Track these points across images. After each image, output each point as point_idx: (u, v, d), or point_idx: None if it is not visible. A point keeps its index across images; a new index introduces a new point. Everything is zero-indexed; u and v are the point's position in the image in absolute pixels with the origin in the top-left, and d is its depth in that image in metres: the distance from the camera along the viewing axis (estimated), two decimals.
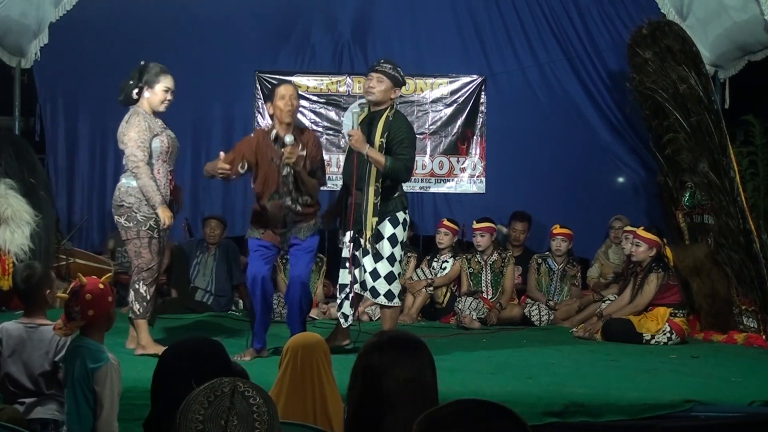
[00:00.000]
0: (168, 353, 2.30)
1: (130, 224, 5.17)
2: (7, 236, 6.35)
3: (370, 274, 5.19)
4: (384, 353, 2.09)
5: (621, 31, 8.00)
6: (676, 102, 7.05)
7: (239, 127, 8.36)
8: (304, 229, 5.28)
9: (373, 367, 2.08)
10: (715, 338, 6.40)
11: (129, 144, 5.12)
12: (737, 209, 6.43)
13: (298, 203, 5.20)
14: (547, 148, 8.23)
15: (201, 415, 1.61)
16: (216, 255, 7.47)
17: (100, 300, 3.27)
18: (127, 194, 5.16)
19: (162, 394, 2.22)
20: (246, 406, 1.62)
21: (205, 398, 1.64)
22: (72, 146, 8.25)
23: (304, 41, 8.35)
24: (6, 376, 3.66)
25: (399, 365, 2.06)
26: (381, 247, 5.16)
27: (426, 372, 2.10)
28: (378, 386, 2.03)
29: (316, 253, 5.60)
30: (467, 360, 5.28)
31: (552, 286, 7.42)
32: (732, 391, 4.48)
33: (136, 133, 5.11)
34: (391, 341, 2.12)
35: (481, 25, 8.33)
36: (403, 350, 2.10)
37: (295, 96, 5.23)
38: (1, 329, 3.72)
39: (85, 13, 7.81)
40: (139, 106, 5.26)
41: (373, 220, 5.06)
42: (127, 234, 5.21)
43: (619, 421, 4.05)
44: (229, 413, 1.61)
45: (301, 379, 3.01)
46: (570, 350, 5.81)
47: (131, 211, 5.16)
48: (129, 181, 5.18)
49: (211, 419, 1.60)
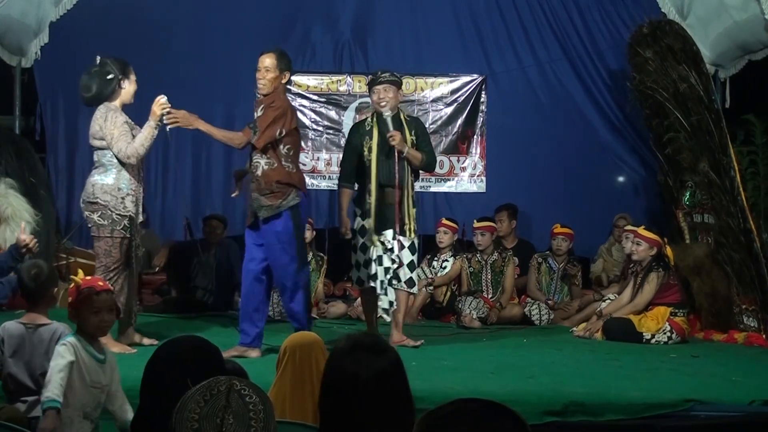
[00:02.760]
0: (159, 353, 2.28)
1: (104, 222, 5.14)
2: (8, 235, 6.35)
3: (408, 266, 5.60)
4: (350, 356, 2.12)
5: (621, 30, 8.00)
6: (676, 101, 7.05)
7: (240, 126, 8.25)
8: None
9: (341, 371, 2.12)
10: (716, 337, 6.39)
11: (113, 142, 5.11)
12: (737, 208, 6.43)
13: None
14: (547, 148, 8.23)
15: (197, 413, 1.61)
16: (217, 254, 7.46)
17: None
18: (102, 191, 5.14)
19: (151, 393, 2.21)
20: (242, 405, 1.62)
21: (201, 397, 1.64)
22: (72, 145, 8.23)
23: (305, 40, 8.35)
24: (8, 376, 3.66)
25: (365, 367, 2.09)
26: (406, 238, 5.59)
27: (392, 374, 2.12)
28: (345, 389, 2.06)
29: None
30: (467, 359, 5.28)
31: (552, 285, 7.42)
32: (732, 390, 4.48)
33: (118, 131, 5.12)
34: (356, 344, 2.16)
35: (481, 24, 8.33)
36: (368, 353, 2.13)
37: (264, 67, 5.18)
38: (2, 329, 3.73)
39: (85, 12, 7.81)
40: (111, 102, 5.24)
41: (413, 211, 5.59)
42: (99, 232, 5.17)
43: (619, 421, 4.05)
44: (225, 411, 1.61)
45: (299, 379, 3.01)
46: (570, 349, 5.81)
47: (106, 209, 5.13)
48: (102, 178, 5.17)
49: (207, 417, 1.60)
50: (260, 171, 5.10)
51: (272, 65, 5.16)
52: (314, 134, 8.26)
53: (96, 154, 5.25)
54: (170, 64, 8.08)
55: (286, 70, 5.22)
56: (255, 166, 5.13)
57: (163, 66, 8.09)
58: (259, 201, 5.10)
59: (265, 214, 5.09)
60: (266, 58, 5.19)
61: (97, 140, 5.20)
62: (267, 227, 5.11)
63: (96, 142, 5.21)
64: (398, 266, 5.57)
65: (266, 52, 5.25)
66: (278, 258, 5.13)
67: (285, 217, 5.09)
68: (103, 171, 5.18)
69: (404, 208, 5.53)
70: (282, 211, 5.08)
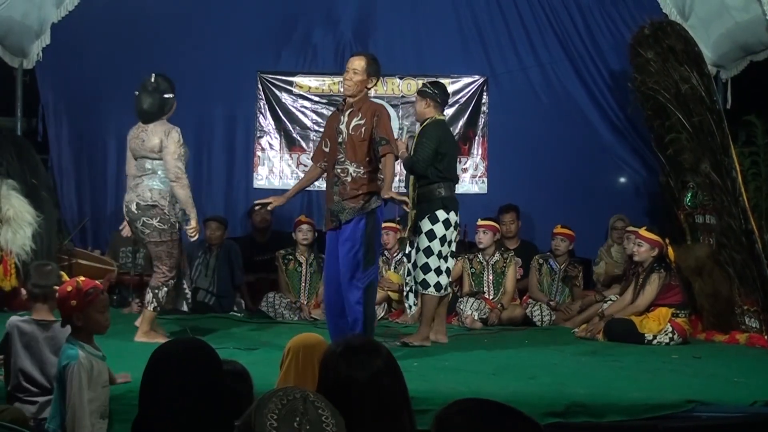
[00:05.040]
0: (156, 355, 2.29)
1: (165, 226, 5.39)
2: (9, 236, 6.37)
3: (412, 265, 5.83)
4: (343, 360, 2.14)
5: (623, 31, 8.00)
6: (678, 102, 7.04)
7: (241, 127, 8.38)
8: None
9: (336, 375, 2.13)
10: (717, 338, 6.39)
11: (168, 156, 5.37)
12: (739, 209, 6.42)
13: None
14: (548, 149, 8.22)
15: (276, 413, 1.63)
16: (218, 256, 7.47)
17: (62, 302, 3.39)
18: (160, 196, 5.39)
19: (150, 394, 2.22)
20: (316, 415, 1.64)
21: (278, 400, 1.66)
22: (74, 147, 8.25)
23: (306, 42, 8.35)
24: (20, 371, 3.71)
25: (360, 369, 2.10)
26: (420, 241, 5.73)
27: (387, 371, 2.13)
28: (342, 393, 2.07)
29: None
30: (469, 360, 5.28)
31: (553, 286, 7.42)
32: (734, 391, 4.48)
33: (175, 146, 5.39)
34: (347, 347, 2.16)
35: (482, 25, 8.32)
36: (361, 354, 2.13)
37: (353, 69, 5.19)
38: (11, 324, 3.77)
39: (86, 13, 7.83)
40: (167, 119, 5.54)
41: (412, 213, 5.72)
42: (161, 236, 5.41)
43: (620, 422, 4.05)
44: (302, 417, 1.63)
45: (302, 380, 3.01)
46: (572, 350, 5.81)
47: (164, 213, 5.39)
48: (158, 184, 5.41)
49: (285, 419, 1.62)
50: (350, 177, 5.13)
51: (361, 68, 5.17)
52: (315, 135, 8.25)
53: (149, 162, 5.48)
54: (171, 65, 8.04)
55: (374, 76, 5.24)
56: (344, 172, 5.15)
57: (164, 67, 8.01)
58: (341, 205, 5.13)
59: (347, 217, 5.12)
60: (356, 60, 5.22)
61: (155, 153, 5.45)
62: (346, 227, 5.12)
63: (152, 154, 5.46)
64: (414, 267, 5.80)
65: (357, 54, 5.34)
66: (345, 253, 5.10)
67: (364, 219, 5.10)
68: (156, 177, 5.44)
69: (412, 211, 5.71)
70: (364, 213, 5.11)
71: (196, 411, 2.13)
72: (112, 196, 8.25)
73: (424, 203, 5.73)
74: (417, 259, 5.75)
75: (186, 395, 2.15)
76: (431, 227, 5.69)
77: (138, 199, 5.45)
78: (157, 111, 5.52)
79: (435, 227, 5.69)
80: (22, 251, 6.47)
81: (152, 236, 5.43)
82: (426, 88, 6.00)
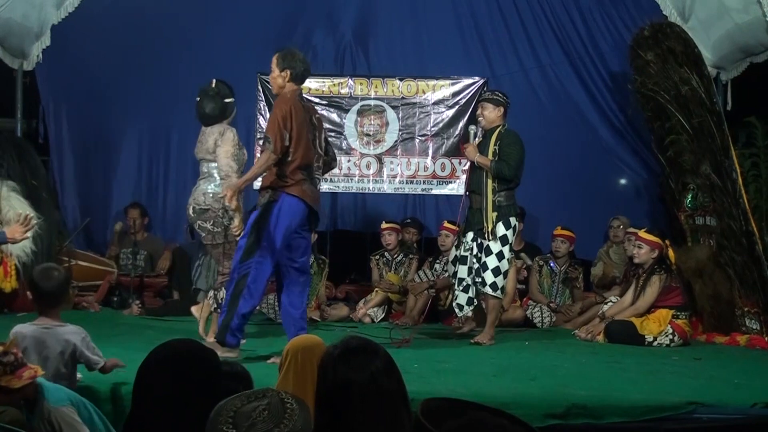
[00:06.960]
0: (152, 356, 2.27)
1: (219, 229, 5.47)
2: None
3: (482, 267, 5.91)
4: (342, 362, 2.14)
5: (623, 32, 7.99)
6: (678, 104, 7.05)
7: (242, 128, 8.30)
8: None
9: (335, 378, 2.13)
10: (718, 340, 6.39)
11: (221, 154, 5.44)
12: (739, 211, 6.42)
13: None
14: (549, 150, 8.20)
15: (234, 410, 1.66)
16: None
17: None
18: (213, 200, 5.45)
19: (144, 397, 2.21)
20: (279, 403, 1.65)
21: (239, 400, 1.68)
22: (74, 148, 8.25)
23: (306, 43, 8.33)
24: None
25: (359, 371, 2.10)
26: (492, 245, 5.88)
27: (386, 371, 2.14)
28: (342, 396, 2.06)
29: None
30: (469, 362, 5.28)
31: (554, 287, 7.41)
32: (734, 393, 4.47)
33: (231, 147, 5.48)
34: (345, 349, 2.16)
35: (482, 26, 8.33)
36: (359, 356, 2.14)
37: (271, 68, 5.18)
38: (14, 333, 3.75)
39: (86, 15, 7.84)
40: (225, 120, 5.64)
41: (493, 215, 5.85)
42: (215, 239, 5.50)
43: (621, 423, 4.04)
44: (260, 401, 1.65)
45: (302, 382, 3.01)
46: (572, 352, 5.80)
47: (217, 216, 5.45)
48: (213, 187, 5.48)
49: (243, 411, 1.65)
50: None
51: (275, 65, 5.19)
52: None
53: (206, 165, 5.59)
54: (171, 67, 8.10)
55: (287, 68, 5.16)
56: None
57: (164, 68, 8.11)
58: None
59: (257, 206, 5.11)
60: (273, 58, 5.24)
61: (210, 154, 5.55)
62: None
63: (209, 155, 5.56)
64: (484, 270, 5.88)
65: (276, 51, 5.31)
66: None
67: (258, 210, 4.99)
68: (212, 180, 5.52)
69: (484, 213, 5.86)
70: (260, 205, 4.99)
71: (190, 413, 2.09)
72: (112, 198, 8.25)
73: (503, 208, 5.90)
74: (487, 261, 5.88)
75: (180, 397, 2.13)
76: (505, 232, 5.89)
77: (194, 203, 5.55)
78: (219, 115, 5.63)
79: (508, 233, 5.91)
80: (23, 253, 6.47)
81: (207, 239, 5.55)
82: (497, 96, 6.15)
